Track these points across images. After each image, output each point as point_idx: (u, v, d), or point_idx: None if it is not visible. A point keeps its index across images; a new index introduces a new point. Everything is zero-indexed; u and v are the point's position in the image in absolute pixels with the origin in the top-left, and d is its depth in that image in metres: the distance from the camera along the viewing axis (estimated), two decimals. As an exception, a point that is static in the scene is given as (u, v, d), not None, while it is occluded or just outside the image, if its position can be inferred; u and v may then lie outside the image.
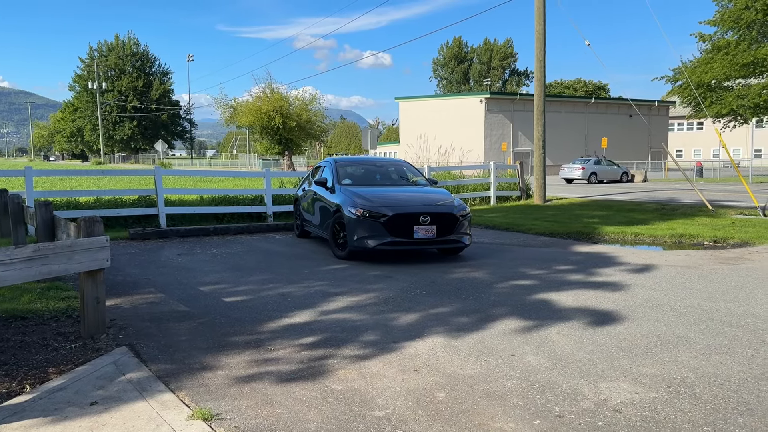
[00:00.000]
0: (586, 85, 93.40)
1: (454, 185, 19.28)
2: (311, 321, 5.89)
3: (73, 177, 24.84)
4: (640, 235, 11.89)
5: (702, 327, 5.63)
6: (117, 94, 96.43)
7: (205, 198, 15.63)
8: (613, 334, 5.42)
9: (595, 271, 8.45)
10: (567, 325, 5.72)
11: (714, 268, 8.62)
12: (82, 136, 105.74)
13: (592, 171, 35.42)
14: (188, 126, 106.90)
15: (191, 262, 9.22)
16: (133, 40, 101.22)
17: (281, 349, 5.00)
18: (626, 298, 6.81)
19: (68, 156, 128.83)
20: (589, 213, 15.93)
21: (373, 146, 27.41)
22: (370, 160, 11.71)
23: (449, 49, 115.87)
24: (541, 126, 19.66)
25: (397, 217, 8.75)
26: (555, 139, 52.62)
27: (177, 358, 4.76)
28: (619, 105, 57.86)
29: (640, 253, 10.09)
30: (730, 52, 33.47)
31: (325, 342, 5.21)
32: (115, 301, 6.61)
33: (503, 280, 7.87)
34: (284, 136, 50.99)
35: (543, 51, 19.34)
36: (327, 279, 7.90)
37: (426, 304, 6.54)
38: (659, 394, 4.07)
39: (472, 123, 50.47)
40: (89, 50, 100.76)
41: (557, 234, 12.29)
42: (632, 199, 20.48)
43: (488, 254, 9.99)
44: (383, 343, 5.18)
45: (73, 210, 13.32)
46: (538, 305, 6.50)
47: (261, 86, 50.39)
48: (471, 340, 5.26)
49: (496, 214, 15.91)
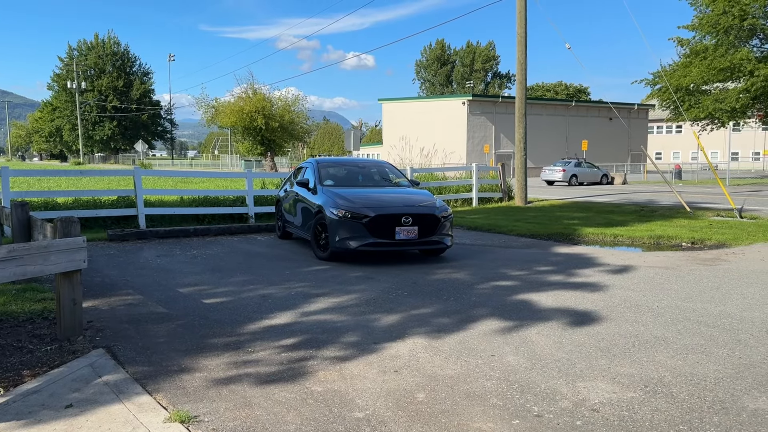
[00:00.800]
0: (567, 88, 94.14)
1: (436, 186, 19.34)
2: (292, 322, 5.86)
3: (51, 177, 24.50)
4: (620, 237, 12.00)
5: (679, 327, 5.70)
6: (97, 93, 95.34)
7: (185, 199, 15.50)
8: (592, 334, 5.46)
9: (574, 272, 8.51)
10: (547, 326, 5.75)
11: (691, 269, 8.72)
12: (61, 136, 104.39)
13: (572, 173, 35.70)
14: (169, 126, 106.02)
15: (170, 263, 9.14)
16: (113, 40, 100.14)
17: (261, 351, 4.97)
18: (605, 298, 6.87)
19: (47, 156, 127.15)
20: (569, 215, 16.05)
21: (356, 147, 27.39)
22: (353, 162, 11.70)
23: (432, 51, 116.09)
24: (522, 128, 19.78)
25: (379, 218, 8.75)
26: (536, 141, 52.96)
27: (155, 360, 4.71)
28: (599, 108, 58.38)
29: (619, 254, 10.18)
30: (708, 56, 33.92)
31: (305, 343, 5.19)
32: (92, 303, 6.53)
33: (484, 281, 7.90)
34: (266, 137, 50.77)
35: (524, 54, 19.46)
36: (308, 280, 7.88)
37: (407, 305, 6.55)
38: (637, 393, 4.10)
39: (455, 125, 50.63)
40: (68, 49, 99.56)
41: (538, 235, 12.37)
42: (612, 201, 20.67)
43: (470, 255, 10.02)
44: (364, 344, 5.17)
45: (50, 210, 13.14)
46: (518, 306, 6.53)
47: (243, 87, 50.13)
48: (452, 341, 5.27)
49: (478, 216, 15.97)
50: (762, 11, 32.31)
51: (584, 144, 41.49)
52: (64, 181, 23.77)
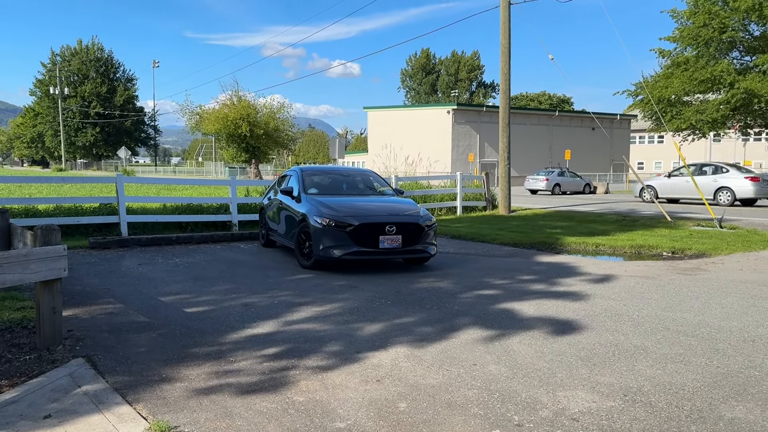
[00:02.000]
0: (551, 98, 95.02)
1: (421, 195, 19.39)
2: (274, 332, 5.85)
3: (33, 184, 24.24)
4: (601, 246, 12.10)
5: (659, 336, 5.76)
6: (80, 99, 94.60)
7: (168, 206, 15.41)
8: (573, 344, 5.51)
9: (556, 281, 8.58)
10: (528, 335, 5.79)
11: (671, 278, 8.82)
12: (43, 142, 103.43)
13: (555, 182, 35.99)
14: (152, 133, 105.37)
15: (152, 271, 9.08)
16: (97, 46, 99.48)
17: (243, 361, 4.96)
18: (586, 307, 6.93)
19: (28, 162, 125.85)
20: (552, 224, 16.17)
21: (341, 155, 27.47)
22: (337, 170, 11.72)
23: (417, 60, 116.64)
24: (506, 138, 19.92)
25: (363, 226, 8.76)
26: (520, 150, 53.31)
27: (135, 370, 4.68)
28: (582, 118, 58.96)
29: (601, 264, 10.27)
30: (689, 68, 34.38)
31: (288, 353, 5.18)
32: (72, 312, 6.47)
33: (467, 289, 7.93)
34: (251, 144, 50.58)
35: (508, 64, 19.62)
36: (292, 289, 7.86)
37: (390, 314, 6.56)
38: (616, 402, 4.14)
39: (440, 134, 50.87)
40: (51, 55, 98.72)
41: (521, 244, 12.44)
42: (594, 210, 20.85)
43: (453, 264, 10.06)
44: (347, 354, 5.17)
45: (31, 218, 13.01)
46: (501, 315, 6.57)
47: (228, 94, 49.95)
48: (434, 350, 5.29)
49: (461, 225, 16.03)
50: (741, 24, 32.84)
51: (567, 153, 41.86)
52: (45, 188, 23.58)
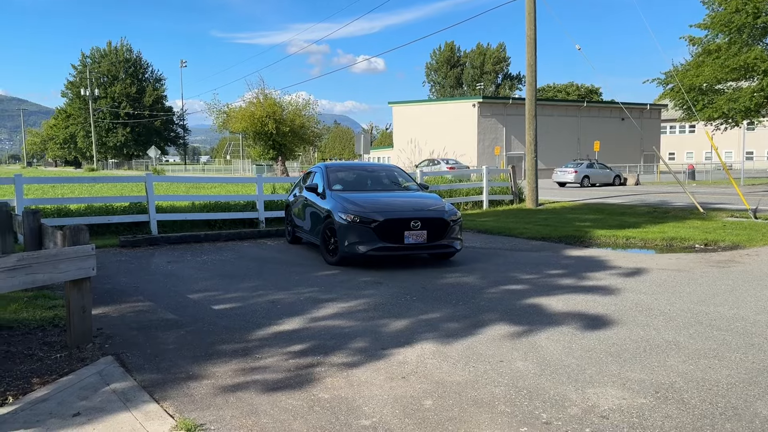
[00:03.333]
0: (579, 88, 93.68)
1: (446, 189, 19.28)
2: (300, 328, 5.85)
3: (65, 184, 24.66)
4: (632, 239, 11.90)
5: (691, 331, 5.63)
6: (110, 100, 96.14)
7: (196, 204, 15.56)
8: (603, 339, 5.41)
9: (585, 275, 8.45)
10: (557, 330, 5.70)
11: (704, 271, 8.62)
12: (75, 142, 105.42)
13: (584, 174, 35.48)
14: (181, 132, 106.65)
15: (181, 269, 9.17)
16: (126, 47, 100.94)
17: (268, 358, 4.97)
18: (616, 302, 6.81)
19: (61, 163, 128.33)
20: (581, 217, 15.95)
21: (366, 151, 27.43)
22: (362, 166, 11.70)
23: (442, 53, 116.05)
24: (532, 130, 19.69)
25: (387, 222, 8.73)
26: (547, 142, 52.78)
27: (163, 368, 4.71)
28: (611, 108, 58.06)
29: (631, 257, 10.09)
30: (721, 55, 33.61)
31: (313, 350, 5.17)
32: (102, 310, 6.55)
33: (494, 285, 7.85)
34: (277, 141, 50.68)
35: (534, 56, 19.38)
36: (317, 285, 7.87)
37: (416, 310, 6.52)
38: (647, 399, 4.05)
39: (465, 127, 50.56)
40: (82, 57, 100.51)
41: (549, 238, 12.28)
42: (624, 203, 20.52)
43: (479, 259, 9.97)
44: (372, 350, 5.15)
45: (63, 217, 13.25)
46: (528, 310, 6.49)
47: (254, 92, 50.24)
48: (460, 347, 5.24)
49: (488, 219, 15.91)
50: (775, 9, 31.96)
51: (596, 145, 41.26)
52: (77, 188, 23.98)
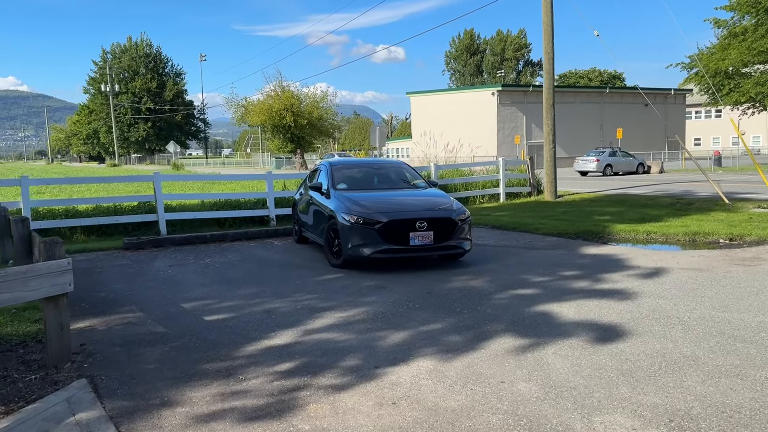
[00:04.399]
0: (601, 74, 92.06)
1: (462, 183, 18.84)
2: (292, 342, 5.53)
3: (74, 185, 24.50)
4: (653, 234, 11.38)
5: (712, 343, 5.19)
6: (131, 95, 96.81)
7: (206, 203, 15.35)
8: (615, 354, 5.00)
9: (601, 276, 8.01)
10: (565, 344, 5.30)
11: (728, 270, 8.13)
12: (98, 138, 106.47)
13: (607, 163, 34.68)
14: (202, 126, 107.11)
15: (181, 273, 8.90)
16: (145, 42, 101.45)
17: (253, 379, 4.64)
18: (632, 308, 6.37)
19: (86, 158, 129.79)
20: (600, 209, 15.42)
21: (381, 143, 27.03)
22: (367, 163, 11.33)
23: (461, 41, 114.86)
24: (550, 119, 19.13)
25: (392, 223, 8.36)
26: (569, 130, 51.84)
27: (137, 392, 4.42)
28: (634, 94, 56.80)
29: (652, 255, 9.60)
30: (748, 38, 32.55)
31: (302, 369, 4.84)
32: (90, 322, 6.30)
33: (503, 289, 7.46)
34: (295, 134, 50.69)
35: (551, 43, 18.80)
36: (318, 291, 7.54)
37: (417, 320, 6.16)
38: (660, 430, 3.65)
39: (485, 116, 49.84)
40: (102, 53, 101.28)
41: (566, 234, 11.82)
42: (646, 193, 19.89)
43: (491, 258, 9.57)
44: (364, 369, 4.80)
45: (71, 218, 13.10)
46: (536, 319, 6.09)
47: (272, 85, 50.05)
48: (459, 364, 4.87)
49: (504, 213, 15.45)
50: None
51: (619, 132, 40.37)
52: (93, 187, 23.83)
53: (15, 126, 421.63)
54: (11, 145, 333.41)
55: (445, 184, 18.26)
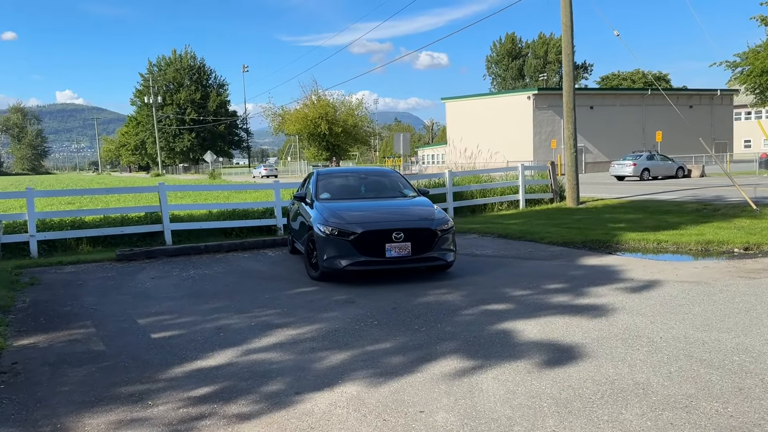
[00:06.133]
0: (645, 75, 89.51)
1: (479, 189, 18.34)
2: (225, 364, 5.24)
3: (86, 196, 24.72)
4: (663, 243, 10.72)
5: (673, 368, 4.68)
6: (176, 107, 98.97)
7: (214, 212, 15.28)
8: (559, 380, 4.55)
9: (586, 290, 7.49)
10: (511, 367, 4.87)
11: (728, 284, 7.50)
12: (145, 149, 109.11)
13: (644, 167, 33.48)
14: (245, 135, 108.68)
15: (156, 287, 8.74)
16: (190, 54, 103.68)
17: (161, 405, 4.37)
18: (603, 327, 5.88)
19: (135, 168, 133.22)
20: (618, 217, 14.72)
21: (406, 150, 26.70)
22: (356, 172, 11.00)
23: (502, 45, 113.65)
24: (571, 123, 18.48)
25: (366, 234, 8.01)
26: (609, 133, 50.54)
27: (32, 418, 4.19)
28: (678, 95, 55.04)
29: (652, 266, 8.99)
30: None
31: (218, 394, 4.55)
32: (35, 339, 6.16)
33: (476, 303, 7.03)
34: (330, 141, 50.77)
35: (570, 44, 18.18)
36: (283, 306, 7.25)
37: (368, 339, 5.80)
38: (567, 474, 3.22)
39: (521, 121, 48.93)
40: (149, 65, 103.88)
41: (571, 243, 11.25)
42: (675, 199, 18.98)
43: (480, 270, 9.12)
44: (283, 396, 4.48)
45: (76, 229, 13.18)
46: (494, 338, 5.66)
47: (308, 94, 50.24)
48: (386, 390, 4.50)
49: (516, 221, 14.91)
50: None
51: (658, 135, 39.04)
52: (114, 198, 24.11)
53: (71, 138, 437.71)
54: (67, 156, 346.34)
55: (461, 192, 17.82)
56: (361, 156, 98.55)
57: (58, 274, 9.96)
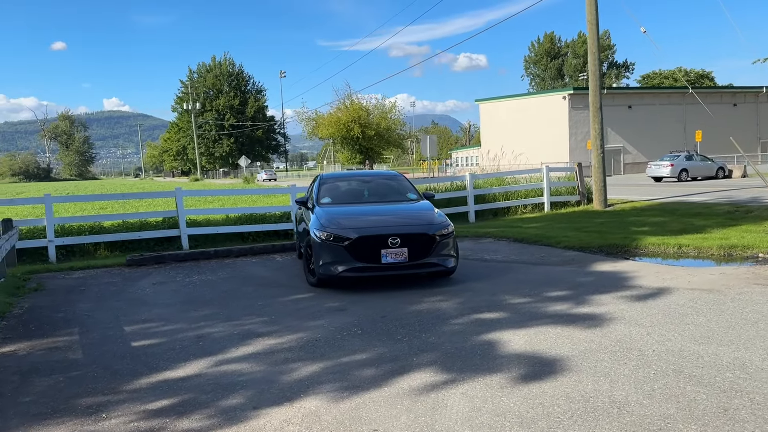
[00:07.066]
0: (688, 74, 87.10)
1: (502, 192, 17.95)
2: (193, 375, 5.10)
3: (98, 201, 24.77)
4: (684, 247, 10.23)
5: (657, 385, 4.35)
6: (215, 113, 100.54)
7: (231, 217, 15.30)
8: (531, 397, 4.26)
9: (589, 298, 7.13)
10: (484, 382, 4.60)
11: (742, 292, 7.05)
12: (186, 154, 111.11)
13: (682, 168, 32.39)
14: (282, 140, 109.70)
15: (155, 293, 8.69)
16: (228, 61, 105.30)
17: (114, 419, 4.25)
18: (594, 338, 5.55)
19: (178, 173, 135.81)
20: (643, 220, 14.18)
21: (433, 153, 26.46)
22: (359, 176, 10.80)
23: (541, 45, 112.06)
24: (597, 124, 17.95)
25: (361, 239, 7.81)
26: (649, 133, 49.27)
27: (-20, 432, 4.12)
28: (721, 94, 53.34)
29: (666, 272, 8.54)
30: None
31: (175, 408, 4.40)
32: (17, 347, 6.13)
33: (469, 312, 6.75)
34: (363, 145, 50.74)
35: (596, 42, 17.64)
36: (271, 314, 7.09)
37: (346, 350, 5.59)
38: (508, 505, 2.96)
39: (556, 121, 48.03)
40: (189, 72, 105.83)
41: (588, 248, 10.83)
42: (707, 200, 18.24)
43: (484, 275, 8.82)
44: (239, 411, 4.30)
45: (94, 234, 13.33)
46: (476, 350, 5.39)
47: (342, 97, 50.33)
48: (346, 406, 4.29)
49: (537, 224, 14.50)
50: None
51: (698, 134, 37.80)
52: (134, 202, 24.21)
53: (117, 144, 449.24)
54: (114, 162, 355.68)
55: (483, 195, 17.46)
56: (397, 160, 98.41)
57: (65, 279, 10.03)
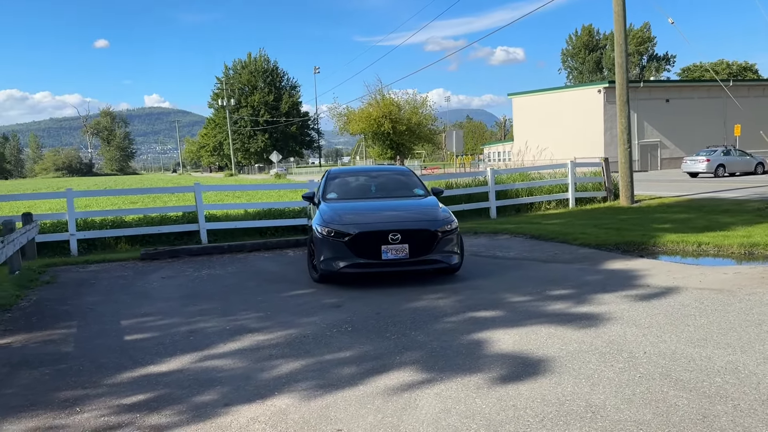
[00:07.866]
0: (729, 66, 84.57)
1: (525, 188, 17.66)
2: (175, 370, 5.11)
3: (120, 196, 25.13)
4: (704, 245, 9.90)
5: (639, 389, 4.18)
6: (250, 109, 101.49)
7: (250, 212, 15.39)
8: (505, 398, 4.14)
9: (591, 297, 6.94)
10: (462, 382, 4.49)
11: (753, 292, 6.77)
12: (223, 149, 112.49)
13: (719, 163, 31.42)
14: (316, 136, 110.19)
15: (160, 287, 8.77)
16: (263, 57, 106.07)
17: (86, 413, 4.27)
18: (585, 339, 5.38)
19: (215, 168, 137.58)
20: (667, 217, 13.79)
21: (459, 147, 26.30)
22: (367, 171, 10.71)
23: (579, 38, 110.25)
24: (624, 118, 17.50)
25: (361, 235, 7.73)
26: (687, 128, 48.03)
27: (-46, 423, 4.19)
28: (764, 87, 51.60)
29: (678, 270, 8.27)
30: None
31: (149, 403, 4.41)
32: (14, 339, 6.24)
33: (465, 310, 6.63)
34: (394, 140, 50.62)
35: (622, 33, 17.20)
36: (268, 310, 7.08)
37: (332, 347, 5.54)
38: None
39: (591, 115, 47.14)
40: (225, 69, 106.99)
41: (604, 245, 10.56)
42: (739, 197, 17.65)
43: (490, 273, 8.66)
44: (210, 407, 4.28)
45: (115, 229, 13.56)
46: (462, 349, 5.27)
47: (373, 93, 50.29)
48: (319, 404, 4.24)
49: (558, 221, 14.22)
50: None
51: (737, 129, 36.68)
52: (156, 197, 24.49)
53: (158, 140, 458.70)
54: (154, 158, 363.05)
55: (505, 190, 17.22)
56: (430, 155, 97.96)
57: (78, 273, 10.21)
